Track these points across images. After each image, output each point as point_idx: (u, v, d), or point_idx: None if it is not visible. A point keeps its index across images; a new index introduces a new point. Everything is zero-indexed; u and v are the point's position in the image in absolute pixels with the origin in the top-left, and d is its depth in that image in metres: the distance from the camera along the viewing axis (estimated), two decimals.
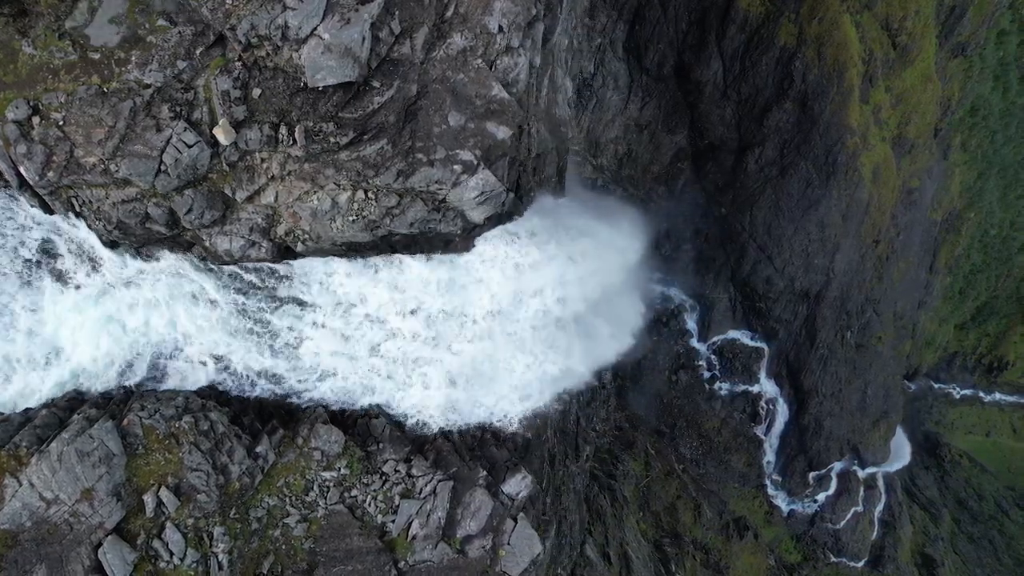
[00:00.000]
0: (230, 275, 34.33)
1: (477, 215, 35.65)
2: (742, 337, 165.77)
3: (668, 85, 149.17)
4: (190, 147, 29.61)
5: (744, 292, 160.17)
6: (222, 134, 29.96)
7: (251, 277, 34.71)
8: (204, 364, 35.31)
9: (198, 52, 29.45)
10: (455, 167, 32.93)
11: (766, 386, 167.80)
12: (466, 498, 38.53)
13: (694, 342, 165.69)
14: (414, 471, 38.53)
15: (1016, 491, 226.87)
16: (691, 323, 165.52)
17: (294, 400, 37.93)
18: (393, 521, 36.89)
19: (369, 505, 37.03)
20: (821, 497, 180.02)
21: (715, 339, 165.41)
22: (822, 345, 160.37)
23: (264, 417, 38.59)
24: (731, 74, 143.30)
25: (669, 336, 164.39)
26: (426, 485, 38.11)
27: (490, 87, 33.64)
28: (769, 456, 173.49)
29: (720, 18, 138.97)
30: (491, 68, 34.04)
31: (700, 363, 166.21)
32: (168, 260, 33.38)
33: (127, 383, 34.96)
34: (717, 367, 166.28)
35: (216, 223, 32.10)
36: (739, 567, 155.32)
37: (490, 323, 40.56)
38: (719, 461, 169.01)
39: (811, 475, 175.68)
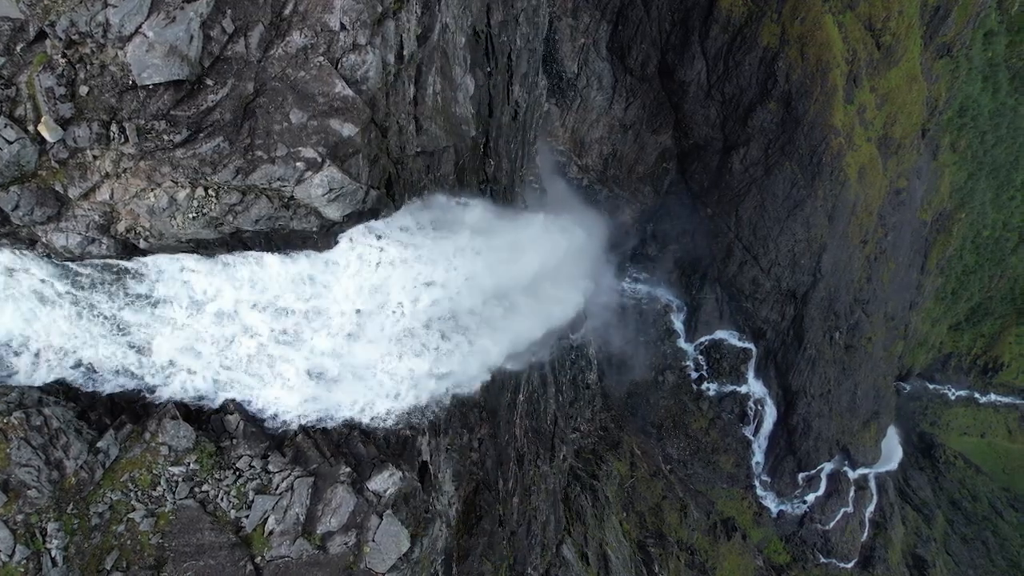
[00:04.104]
0: (77, 271, 34.45)
1: (332, 212, 35.71)
2: (729, 337, 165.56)
3: (652, 85, 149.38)
4: (11, 143, 29.69)
5: (731, 292, 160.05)
6: (46, 131, 29.98)
7: (100, 273, 34.68)
8: (51, 360, 35.33)
9: (18, 48, 29.50)
10: (298, 164, 32.99)
11: (754, 387, 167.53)
12: (327, 495, 38.59)
13: (681, 342, 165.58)
14: (271, 467, 38.62)
15: (1011, 492, 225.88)
16: (678, 323, 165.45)
17: (148, 396, 37.98)
18: (247, 516, 37.08)
19: (222, 500, 37.01)
20: (810, 498, 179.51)
21: (702, 339, 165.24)
22: (810, 346, 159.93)
23: (116, 413, 38.83)
24: (715, 74, 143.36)
25: (656, 336, 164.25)
26: (283, 481, 38.18)
27: (333, 84, 33.79)
28: (758, 457, 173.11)
29: (703, 18, 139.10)
30: (336, 66, 34.14)
31: (687, 363, 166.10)
32: (10, 255, 33.56)
33: None
34: (704, 367, 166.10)
35: (51, 220, 32.22)
36: (726, 568, 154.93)
37: (354, 320, 40.56)
38: (707, 462, 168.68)
39: (800, 476, 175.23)
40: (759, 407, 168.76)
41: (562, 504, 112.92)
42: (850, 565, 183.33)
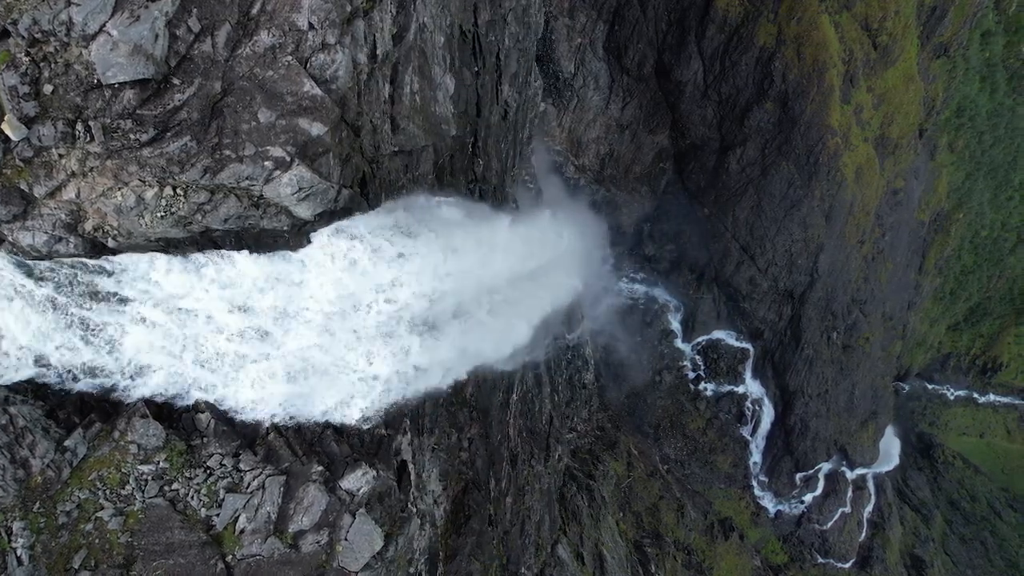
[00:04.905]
0: (47, 270, 34.30)
1: (303, 211, 35.70)
2: (727, 337, 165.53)
3: (649, 85, 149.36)
4: None
5: (728, 292, 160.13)
6: (10, 130, 29.81)
7: (69, 272, 34.42)
8: (19, 359, 35.03)
9: None
10: (266, 163, 32.92)
11: (751, 386, 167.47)
12: (299, 493, 38.53)
13: (678, 342, 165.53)
14: (242, 466, 38.51)
15: (1010, 492, 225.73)
16: (675, 323, 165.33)
17: (118, 395, 37.83)
18: (218, 515, 37.03)
19: (192, 499, 36.85)
20: (808, 498, 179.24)
21: (699, 339, 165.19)
22: (807, 346, 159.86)
23: (85, 412, 38.73)
24: (711, 74, 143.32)
25: (653, 336, 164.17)
26: (254, 479, 38.13)
27: (301, 84, 33.75)
28: (755, 457, 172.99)
29: (699, 18, 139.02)
30: (305, 65, 34.11)
31: (684, 363, 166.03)
32: None
33: None
34: (702, 367, 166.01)
35: (16, 218, 32.07)
36: (723, 568, 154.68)
37: (327, 319, 40.38)
38: (704, 462, 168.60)
39: (798, 476, 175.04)
40: (756, 407, 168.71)
41: (557, 504, 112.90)
42: (848, 565, 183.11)
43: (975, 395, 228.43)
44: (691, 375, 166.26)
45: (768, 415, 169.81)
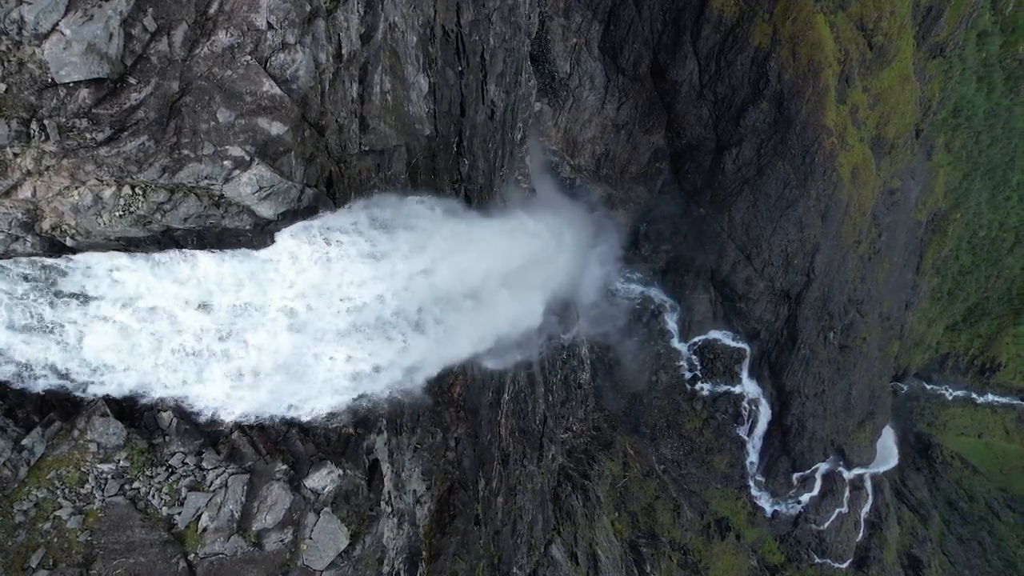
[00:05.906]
0: (4, 268, 34.29)
1: (265, 210, 35.68)
2: (723, 337, 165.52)
3: (644, 85, 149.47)
4: None
5: (724, 292, 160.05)
6: None
7: (28, 270, 34.41)
8: None
9: None
10: (225, 163, 32.86)
11: (748, 387, 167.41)
12: (262, 492, 38.48)
13: (675, 342, 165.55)
14: (204, 464, 38.42)
15: (1008, 493, 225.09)
16: (672, 323, 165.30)
17: (79, 394, 37.62)
18: (180, 514, 36.93)
19: (153, 497, 36.72)
20: (805, 498, 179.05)
21: (696, 339, 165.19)
22: (804, 346, 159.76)
23: (46, 410, 38.65)
24: (707, 74, 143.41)
25: (649, 336, 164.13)
26: (217, 478, 38.05)
27: (261, 83, 33.73)
28: (752, 457, 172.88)
29: (694, 18, 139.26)
30: (264, 65, 34.09)
31: (681, 363, 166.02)
32: None
33: None
34: (698, 367, 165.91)
35: None
36: (719, 568, 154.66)
37: (292, 318, 40.34)
38: (701, 462, 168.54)
39: (795, 476, 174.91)
40: (753, 407, 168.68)
41: (551, 504, 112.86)
42: (845, 565, 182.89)
43: (973, 395, 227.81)
44: (687, 375, 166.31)
45: (765, 415, 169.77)
